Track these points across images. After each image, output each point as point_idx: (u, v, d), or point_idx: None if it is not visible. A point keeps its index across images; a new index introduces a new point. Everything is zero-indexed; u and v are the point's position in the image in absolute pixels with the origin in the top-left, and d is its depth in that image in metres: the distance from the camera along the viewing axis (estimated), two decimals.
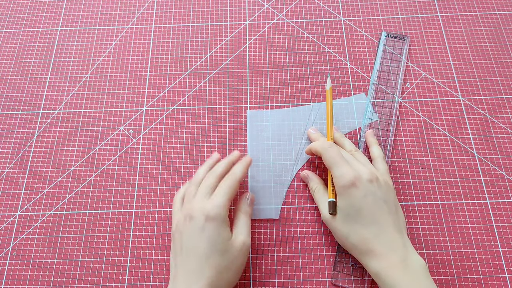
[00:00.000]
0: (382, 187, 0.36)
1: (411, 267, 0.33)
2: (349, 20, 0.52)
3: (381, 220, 0.35)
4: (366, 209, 0.35)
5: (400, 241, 0.34)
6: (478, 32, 0.51)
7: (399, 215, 0.36)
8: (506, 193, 0.42)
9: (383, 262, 0.33)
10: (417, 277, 0.32)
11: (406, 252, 0.33)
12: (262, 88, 0.48)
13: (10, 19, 0.54)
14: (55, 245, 0.41)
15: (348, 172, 0.36)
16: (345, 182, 0.35)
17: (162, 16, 0.54)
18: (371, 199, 0.35)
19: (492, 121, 0.46)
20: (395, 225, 0.35)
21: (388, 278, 0.32)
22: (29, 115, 0.48)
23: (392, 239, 0.34)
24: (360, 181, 0.35)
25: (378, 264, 0.33)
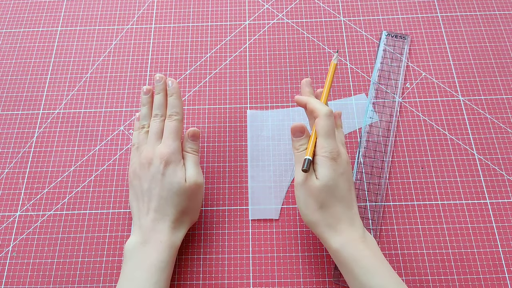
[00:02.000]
0: (349, 168, 0.37)
1: (369, 242, 0.35)
2: (349, 20, 0.52)
3: (349, 200, 0.36)
4: (341, 185, 0.36)
5: (358, 220, 0.36)
6: (478, 32, 0.51)
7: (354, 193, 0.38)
8: (506, 193, 0.42)
9: (346, 237, 0.34)
10: (375, 250, 0.35)
11: (364, 230, 0.36)
12: (262, 88, 0.48)
13: (10, 19, 0.54)
14: (55, 245, 0.41)
15: (335, 146, 0.36)
16: (329, 154, 0.36)
17: (162, 16, 0.54)
18: (346, 178, 0.36)
19: (492, 121, 0.46)
20: (355, 206, 0.36)
21: (352, 251, 0.34)
22: (29, 115, 0.48)
23: (354, 217, 0.36)
24: (341, 159, 0.36)
25: (342, 239, 0.34)
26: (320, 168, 0.36)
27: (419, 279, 0.38)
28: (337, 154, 0.36)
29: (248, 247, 0.40)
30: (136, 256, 0.35)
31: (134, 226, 0.38)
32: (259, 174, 0.44)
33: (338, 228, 0.35)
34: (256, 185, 0.43)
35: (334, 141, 0.37)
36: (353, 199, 0.36)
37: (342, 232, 0.35)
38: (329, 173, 0.36)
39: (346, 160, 0.37)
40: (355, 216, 0.36)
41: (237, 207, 0.42)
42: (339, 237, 0.35)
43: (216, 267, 0.40)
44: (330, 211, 0.35)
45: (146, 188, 0.37)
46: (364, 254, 0.34)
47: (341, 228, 0.35)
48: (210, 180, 0.44)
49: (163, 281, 0.34)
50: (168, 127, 0.39)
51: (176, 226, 0.37)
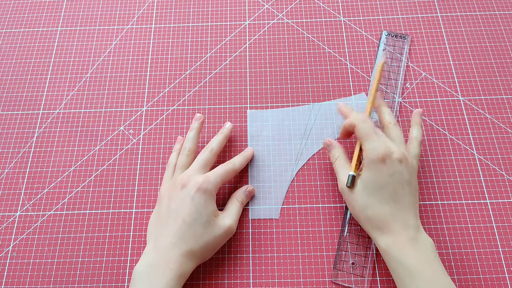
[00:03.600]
0: (409, 169, 0.36)
1: (420, 244, 0.34)
2: (349, 20, 0.52)
3: (401, 200, 0.35)
4: (390, 186, 0.35)
5: (414, 221, 0.35)
6: (478, 32, 0.51)
7: (417, 199, 0.37)
8: (506, 193, 0.42)
9: (394, 238, 0.34)
10: (425, 253, 0.33)
11: (418, 232, 0.35)
12: (262, 88, 0.48)
13: (10, 19, 0.54)
14: (55, 245, 0.41)
15: (380, 147, 0.36)
16: (375, 156, 0.36)
17: (162, 16, 0.54)
18: (397, 179, 0.35)
19: (492, 121, 0.46)
20: (412, 207, 0.36)
21: (397, 253, 0.33)
22: (29, 115, 0.48)
23: (407, 218, 0.35)
24: (390, 158, 0.36)
25: (389, 240, 0.34)
26: (363, 171, 0.37)
27: None
28: (383, 153, 0.35)
29: (248, 247, 0.40)
30: (145, 280, 0.34)
31: (148, 247, 0.36)
32: (259, 174, 0.44)
33: (386, 229, 0.34)
34: (256, 185, 0.43)
35: (375, 140, 0.36)
36: (407, 199, 0.35)
37: (390, 233, 0.34)
38: (371, 175, 0.36)
39: (398, 159, 0.36)
40: (409, 217, 0.35)
41: None
42: (388, 237, 0.34)
43: (216, 267, 0.40)
44: (376, 212, 0.35)
45: (174, 208, 0.37)
46: (410, 256, 0.33)
47: (389, 229, 0.34)
48: None
49: None
50: (219, 167, 0.39)
51: (188, 256, 0.35)
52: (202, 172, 0.39)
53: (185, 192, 0.37)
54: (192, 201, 0.36)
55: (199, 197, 0.36)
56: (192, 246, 0.35)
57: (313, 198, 0.42)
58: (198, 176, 0.38)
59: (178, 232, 0.35)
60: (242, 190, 0.42)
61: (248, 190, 0.42)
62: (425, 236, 0.35)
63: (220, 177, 0.39)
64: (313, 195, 0.42)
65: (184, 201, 0.36)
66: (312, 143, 0.45)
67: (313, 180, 0.43)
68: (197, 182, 0.37)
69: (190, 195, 0.36)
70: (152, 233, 0.37)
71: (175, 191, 0.38)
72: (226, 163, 0.40)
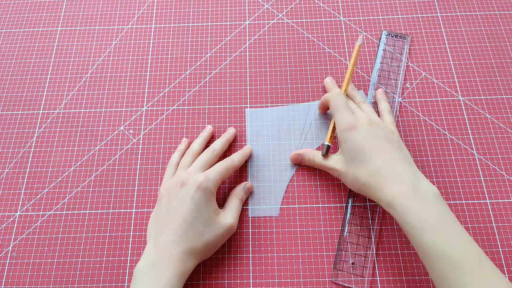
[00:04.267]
0: (383, 130, 0.37)
1: (422, 193, 0.33)
2: (349, 20, 0.52)
3: (384, 154, 0.36)
4: (367, 147, 0.36)
5: (408, 170, 0.35)
6: (478, 32, 0.51)
7: (403, 150, 0.37)
8: (506, 193, 0.42)
9: (392, 190, 0.34)
10: (428, 203, 0.32)
11: (416, 179, 0.34)
12: (262, 88, 0.48)
13: (10, 19, 0.54)
14: (55, 245, 0.41)
15: (349, 117, 0.38)
16: (345, 126, 0.37)
17: (162, 16, 0.54)
18: (370, 138, 0.36)
19: (492, 121, 0.46)
20: (400, 158, 0.36)
21: (398, 206, 0.33)
22: (29, 115, 0.48)
23: (399, 169, 0.35)
24: (360, 124, 0.37)
25: (388, 193, 0.34)
26: (340, 143, 0.38)
27: (419, 279, 0.38)
28: (351, 121, 0.37)
29: (248, 246, 0.40)
30: (146, 278, 0.34)
31: (148, 245, 0.36)
32: (259, 173, 0.44)
33: (384, 182, 0.34)
34: (256, 184, 0.43)
35: (345, 112, 0.38)
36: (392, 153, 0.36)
37: (389, 185, 0.34)
38: (346, 145, 0.37)
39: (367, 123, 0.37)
40: (403, 168, 0.35)
41: None
42: (386, 191, 0.34)
43: (216, 267, 0.40)
44: (366, 175, 0.35)
45: (174, 207, 0.37)
46: (412, 207, 0.32)
47: (388, 182, 0.34)
48: None
49: None
50: (218, 165, 0.40)
51: (190, 254, 0.35)
52: (202, 171, 0.39)
53: (185, 191, 0.37)
54: (192, 200, 0.36)
55: (199, 196, 0.36)
56: (193, 244, 0.35)
57: (313, 198, 0.42)
58: (198, 174, 0.38)
59: (179, 231, 0.35)
60: (241, 187, 0.42)
61: (246, 186, 0.42)
62: (427, 185, 0.34)
63: (220, 174, 0.39)
64: (313, 195, 0.42)
65: (184, 200, 0.36)
66: (312, 142, 0.45)
67: (313, 180, 0.43)
68: (196, 180, 0.37)
69: (190, 194, 0.36)
70: (152, 232, 0.37)
71: (174, 190, 0.38)
72: (225, 160, 0.41)
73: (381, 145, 0.36)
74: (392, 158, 0.35)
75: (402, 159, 0.36)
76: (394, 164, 0.35)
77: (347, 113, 0.38)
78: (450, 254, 0.30)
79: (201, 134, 0.45)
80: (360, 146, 0.36)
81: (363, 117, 0.38)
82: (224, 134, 0.44)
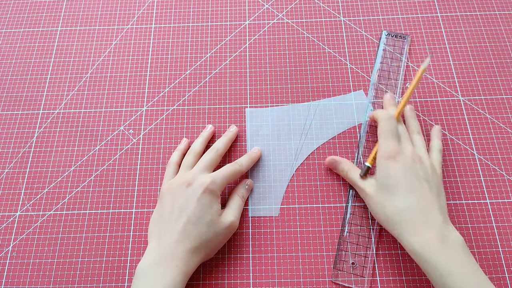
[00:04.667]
0: (425, 169, 0.36)
1: (449, 243, 0.32)
2: (349, 20, 0.52)
3: (420, 194, 0.34)
4: (404, 182, 0.35)
5: (439, 217, 0.34)
6: (478, 32, 0.51)
7: (440, 196, 0.36)
8: (506, 193, 0.42)
9: (419, 236, 0.33)
10: (454, 252, 0.32)
11: (445, 228, 0.33)
12: (262, 88, 0.48)
13: (10, 19, 0.54)
14: (55, 245, 0.41)
15: (393, 145, 0.36)
16: (386, 153, 0.36)
17: (162, 16, 0.54)
18: (410, 174, 0.35)
19: (492, 121, 0.46)
20: (435, 202, 0.34)
21: (424, 253, 0.32)
22: (29, 115, 0.48)
23: (430, 214, 0.34)
24: (402, 156, 0.36)
25: (414, 239, 0.33)
26: (377, 169, 0.37)
27: (419, 279, 0.38)
28: (395, 151, 0.36)
29: (248, 246, 0.40)
30: (149, 277, 0.34)
31: (151, 245, 0.36)
32: (259, 172, 0.44)
33: (408, 227, 0.33)
34: (256, 183, 0.43)
35: (392, 141, 0.37)
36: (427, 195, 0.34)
37: (416, 230, 0.33)
38: (383, 173, 0.36)
39: (410, 157, 0.36)
40: (432, 213, 0.34)
41: None
42: (412, 236, 0.33)
43: (216, 267, 0.40)
44: (394, 209, 0.34)
45: (178, 206, 0.37)
46: (438, 256, 0.32)
47: (412, 228, 0.33)
48: None
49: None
50: (226, 168, 0.39)
51: (193, 253, 0.35)
52: (206, 172, 0.39)
53: (191, 191, 0.37)
54: (198, 201, 0.36)
55: (205, 197, 0.37)
56: (197, 244, 0.35)
57: (313, 198, 0.42)
58: (205, 176, 0.38)
59: (183, 230, 0.35)
60: (242, 185, 0.42)
61: (247, 184, 0.42)
62: (454, 234, 0.33)
63: (227, 178, 0.39)
64: (313, 195, 0.42)
65: (190, 200, 0.36)
66: (312, 142, 0.45)
67: (313, 180, 0.43)
68: (204, 182, 0.37)
69: (196, 195, 0.36)
70: (155, 231, 0.37)
71: (179, 190, 0.38)
72: (233, 164, 0.40)
73: (419, 184, 0.35)
74: (426, 201, 0.34)
75: (437, 204, 0.34)
76: (426, 208, 0.34)
77: (394, 141, 0.37)
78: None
79: (201, 134, 0.44)
80: (396, 178, 0.35)
81: (408, 150, 0.37)
82: (226, 133, 0.44)
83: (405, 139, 0.39)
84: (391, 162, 0.36)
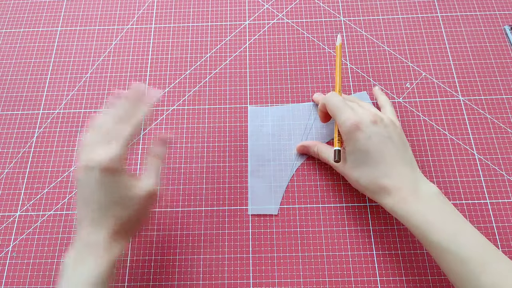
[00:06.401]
0: (387, 126, 0.37)
1: (423, 196, 0.34)
2: (349, 20, 0.52)
3: (388, 158, 0.35)
4: (372, 150, 0.36)
5: (409, 174, 0.35)
6: (478, 32, 0.51)
7: (406, 150, 0.37)
8: (506, 193, 0.42)
9: (395, 196, 0.34)
10: (429, 203, 0.33)
11: (416, 183, 0.34)
12: (262, 88, 0.48)
13: (10, 19, 0.54)
14: (55, 245, 0.41)
15: (351, 116, 0.37)
16: (349, 127, 0.36)
17: (162, 16, 0.54)
18: (376, 139, 0.36)
19: (492, 121, 0.46)
20: (402, 160, 0.36)
21: (401, 211, 0.33)
22: (29, 115, 0.48)
23: (401, 173, 0.35)
24: (364, 123, 0.36)
25: (391, 200, 0.34)
26: (345, 143, 0.38)
27: (419, 279, 0.38)
28: (355, 121, 0.36)
29: (248, 246, 0.40)
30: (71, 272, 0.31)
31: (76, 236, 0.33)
32: (259, 171, 0.44)
33: (386, 189, 0.35)
34: (256, 183, 0.43)
35: (346, 111, 0.37)
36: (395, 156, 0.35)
37: (391, 192, 0.34)
38: (352, 146, 0.37)
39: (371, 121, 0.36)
40: (405, 172, 0.35)
41: (237, 207, 0.42)
42: (389, 197, 0.35)
43: (216, 267, 0.40)
44: (369, 179, 0.36)
45: (83, 194, 0.33)
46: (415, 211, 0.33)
47: (388, 190, 0.35)
48: (210, 180, 0.44)
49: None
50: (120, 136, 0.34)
51: (116, 239, 0.33)
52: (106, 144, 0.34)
53: (91, 176, 0.32)
54: (101, 185, 0.32)
55: (106, 179, 0.32)
56: (114, 228, 0.33)
57: (313, 198, 0.42)
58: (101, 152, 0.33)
59: (93, 219, 0.32)
60: (156, 143, 0.38)
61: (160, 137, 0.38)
62: (427, 186, 0.35)
63: (125, 146, 0.34)
64: (313, 195, 0.42)
65: (92, 186, 0.32)
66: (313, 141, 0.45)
67: (313, 180, 0.43)
68: (100, 161, 0.32)
69: (96, 179, 0.32)
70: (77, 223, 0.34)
71: (81, 175, 0.33)
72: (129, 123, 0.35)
73: (385, 147, 0.36)
74: (395, 162, 0.35)
75: (405, 161, 0.36)
76: (396, 169, 0.35)
77: (349, 111, 0.37)
78: (455, 250, 0.31)
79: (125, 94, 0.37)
80: (365, 148, 0.36)
81: (366, 115, 0.37)
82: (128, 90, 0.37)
83: (355, 105, 0.39)
84: (355, 133, 0.36)
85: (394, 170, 0.35)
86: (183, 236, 0.41)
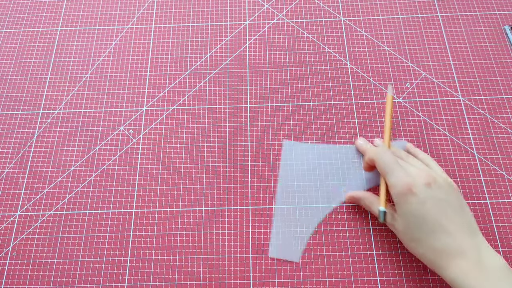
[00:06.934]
0: (442, 188, 0.34)
1: (488, 269, 0.31)
2: (349, 20, 0.52)
3: (446, 225, 0.33)
4: (427, 216, 0.33)
5: (470, 243, 0.32)
6: (478, 32, 0.51)
7: (465, 214, 0.34)
8: (506, 193, 0.42)
9: (455, 268, 0.31)
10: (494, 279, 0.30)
11: (479, 253, 0.32)
12: (262, 88, 0.48)
13: (10, 19, 0.54)
14: (55, 245, 0.41)
15: (403, 178, 0.34)
16: (400, 189, 0.34)
17: (162, 16, 0.54)
18: (431, 204, 0.33)
19: (492, 121, 0.46)
20: (462, 226, 0.33)
21: (463, 285, 0.31)
22: (29, 115, 0.48)
23: (461, 242, 0.32)
24: (417, 186, 0.34)
25: (451, 272, 0.32)
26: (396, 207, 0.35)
27: (419, 279, 0.38)
28: (407, 183, 0.33)
29: (248, 246, 0.40)
30: None
31: None
32: (284, 217, 0.41)
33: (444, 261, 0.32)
34: (280, 230, 0.41)
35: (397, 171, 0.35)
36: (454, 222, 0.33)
37: (449, 265, 0.32)
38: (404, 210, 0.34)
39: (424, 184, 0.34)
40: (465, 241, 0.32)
41: (237, 207, 0.42)
42: (449, 269, 0.32)
43: (216, 267, 0.40)
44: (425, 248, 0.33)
45: None
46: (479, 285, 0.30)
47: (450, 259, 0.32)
48: (210, 180, 0.44)
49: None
50: None
51: None
52: None
53: None
54: None
55: None
56: None
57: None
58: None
59: None
60: None
61: None
62: (492, 257, 0.32)
63: None
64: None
65: None
66: None
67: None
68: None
69: None
70: None
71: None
72: None
73: (442, 212, 0.33)
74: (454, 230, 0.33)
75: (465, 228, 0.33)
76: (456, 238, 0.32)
77: (400, 172, 0.34)
78: None
79: None
80: (419, 214, 0.33)
81: (419, 176, 0.34)
82: None
83: (405, 164, 0.37)
84: (407, 196, 0.33)
85: (453, 240, 0.32)
86: (183, 236, 0.41)
